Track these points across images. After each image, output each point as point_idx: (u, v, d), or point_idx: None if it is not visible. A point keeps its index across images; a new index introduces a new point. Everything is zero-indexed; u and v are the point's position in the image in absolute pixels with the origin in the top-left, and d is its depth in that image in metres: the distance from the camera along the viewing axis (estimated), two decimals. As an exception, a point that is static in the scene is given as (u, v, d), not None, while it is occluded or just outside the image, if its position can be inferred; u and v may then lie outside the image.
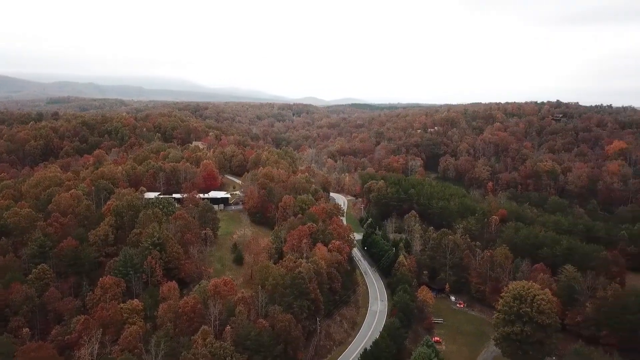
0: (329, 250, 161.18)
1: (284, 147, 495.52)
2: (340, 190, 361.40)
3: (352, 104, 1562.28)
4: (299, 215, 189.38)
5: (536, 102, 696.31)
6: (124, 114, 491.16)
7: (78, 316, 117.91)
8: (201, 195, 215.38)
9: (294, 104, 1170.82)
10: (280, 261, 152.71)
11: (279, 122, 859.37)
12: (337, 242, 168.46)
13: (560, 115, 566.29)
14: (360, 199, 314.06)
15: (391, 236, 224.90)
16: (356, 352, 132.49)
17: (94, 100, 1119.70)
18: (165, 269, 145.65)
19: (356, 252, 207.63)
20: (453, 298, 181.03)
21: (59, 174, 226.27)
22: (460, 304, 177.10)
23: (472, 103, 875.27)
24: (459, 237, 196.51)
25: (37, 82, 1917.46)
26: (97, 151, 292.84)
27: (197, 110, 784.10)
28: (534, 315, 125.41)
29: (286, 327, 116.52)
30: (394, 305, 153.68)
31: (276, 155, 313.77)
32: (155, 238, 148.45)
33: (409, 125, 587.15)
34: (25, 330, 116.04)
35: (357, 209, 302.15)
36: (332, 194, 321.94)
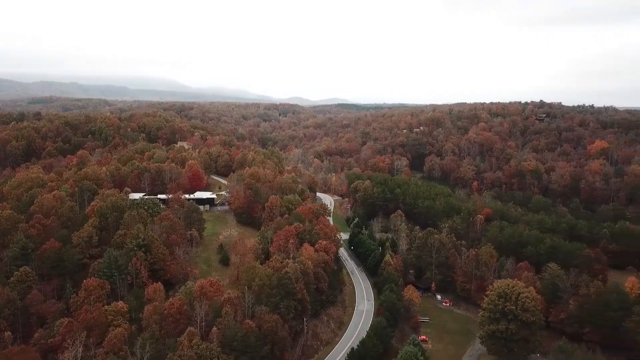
0: (316, 250, 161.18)
1: (270, 147, 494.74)
2: (326, 190, 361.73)
3: (338, 104, 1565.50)
4: (286, 216, 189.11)
5: (520, 102, 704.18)
6: (107, 114, 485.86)
7: (61, 319, 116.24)
8: (187, 195, 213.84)
9: (280, 104, 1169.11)
10: (266, 262, 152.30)
11: (265, 122, 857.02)
12: (324, 242, 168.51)
13: (544, 115, 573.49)
14: (347, 199, 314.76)
15: (377, 236, 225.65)
16: (343, 351, 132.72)
17: (77, 100, 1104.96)
18: (150, 271, 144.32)
19: (343, 252, 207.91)
20: (439, 297, 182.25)
21: (41, 175, 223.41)
22: (446, 302, 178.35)
23: (457, 103, 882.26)
24: (444, 236, 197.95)
25: (18, 82, 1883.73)
26: (81, 152, 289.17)
27: (183, 110, 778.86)
28: (518, 313, 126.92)
29: (273, 327, 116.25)
30: (380, 304, 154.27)
31: (262, 156, 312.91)
32: (140, 239, 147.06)
33: (395, 125, 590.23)
34: (7, 333, 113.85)
35: (344, 208, 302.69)
36: (318, 194, 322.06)
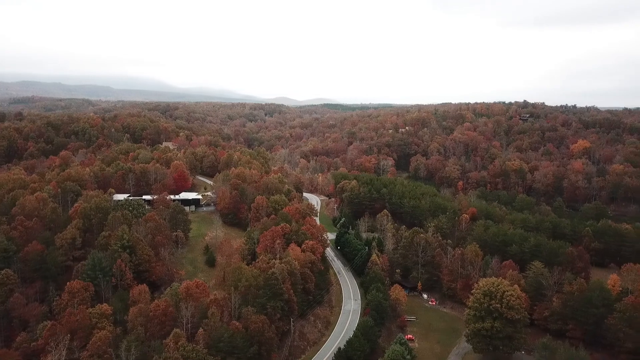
0: (303, 251, 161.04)
1: (256, 147, 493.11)
2: (313, 190, 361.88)
3: (324, 104, 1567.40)
4: (272, 216, 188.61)
5: (504, 103, 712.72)
6: (91, 114, 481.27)
7: (44, 322, 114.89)
8: (172, 196, 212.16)
9: (266, 104, 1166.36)
10: (253, 262, 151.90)
11: (251, 122, 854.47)
12: (311, 242, 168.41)
13: (527, 116, 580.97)
14: (334, 199, 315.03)
15: (364, 235, 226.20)
16: (330, 351, 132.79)
17: (60, 100, 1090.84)
18: (135, 272, 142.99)
19: (329, 252, 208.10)
20: (425, 296, 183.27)
21: (23, 176, 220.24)
22: (432, 301, 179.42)
23: (442, 103, 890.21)
24: (430, 236, 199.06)
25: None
26: (64, 152, 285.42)
27: (167, 110, 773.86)
28: (503, 311, 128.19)
29: (260, 328, 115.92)
30: (367, 304, 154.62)
31: (248, 156, 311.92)
32: (124, 241, 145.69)
33: (381, 126, 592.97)
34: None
35: (331, 208, 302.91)
36: (305, 194, 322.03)
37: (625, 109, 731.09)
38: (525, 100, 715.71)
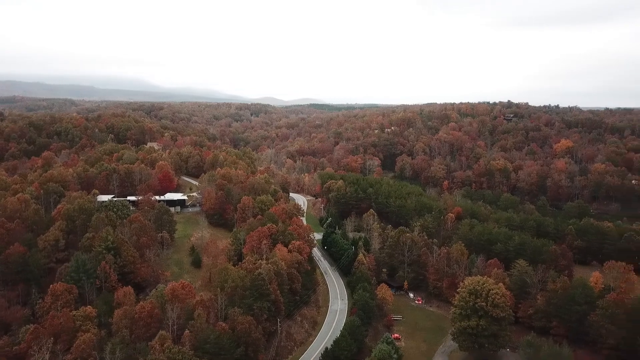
0: (289, 251, 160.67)
1: (242, 147, 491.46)
2: (300, 190, 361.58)
3: (310, 104, 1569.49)
4: (259, 216, 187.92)
5: (488, 103, 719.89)
6: (74, 114, 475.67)
7: (27, 325, 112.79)
8: (157, 197, 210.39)
9: (252, 104, 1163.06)
10: (239, 263, 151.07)
11: (237, 122, 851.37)
12: (298, 242, 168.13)
13: (512, 115, 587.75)
14: (320, 199, 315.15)
15: (350, 235, 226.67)
16: (317, 351, 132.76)
17: (42, 100, 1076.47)
18: (120, 274, 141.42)
19: (316, 252, 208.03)
20: (411, 295, 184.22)
21: (4, 177, 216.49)
22: (418, 300, 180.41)
23: (428, 103, 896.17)
24: (416, 235, 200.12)
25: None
26: (46, 153, 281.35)
27: (152, 110, 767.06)
28: (488, 309, 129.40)
29: (246, 329, 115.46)
30: (354, 303, 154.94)
31: (234, 156, 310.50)
32: (109, 242, 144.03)
33: (367, 126, 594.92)
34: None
35: (317, 208, 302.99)
36: (291, 194, 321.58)
37: (607, 109, 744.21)
38: (509, 101, 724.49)
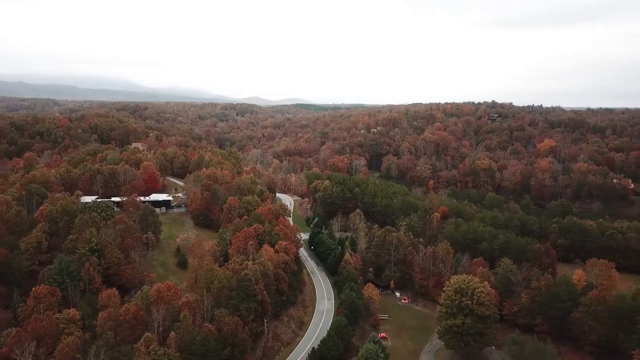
0: (276, 251, 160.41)
1: (228, 147, 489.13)
2: (286, 191, 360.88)
3: (296, 104, 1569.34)
4: (245, 217, 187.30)
5: (473, 103, 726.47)
6: (57, 115, 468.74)
7: (9, 329, 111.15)
8: (142, 198, 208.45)
9: (238, 104, 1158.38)
10: (225, 264, 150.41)
11: (222, 122, 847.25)
12: (284, 243, 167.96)
13: (496, 115, 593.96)
14: (307, 199, 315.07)
15: (337, 235, 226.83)
16: (304, 351, 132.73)
17: (24, 100, 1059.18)
18: (104, 276, 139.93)
19: (303, 252, 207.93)
20: (398, 294, 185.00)
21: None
22: (404, 299, 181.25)
23: (413, 103, 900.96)
24: (402, 234, 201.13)
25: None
26: (28, 154, 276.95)
27: (137, 110, 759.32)
28: (474, 307, 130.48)
29: (233, 330, 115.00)
30: (340, 303, 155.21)
31: (220, 156, 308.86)
32: (93, 244, 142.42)
33: (353, 126, 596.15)
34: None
35: (304, 208, 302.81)
36: (278, 194, 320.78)
37: (589, 109, 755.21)
38: (493, 101, 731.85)
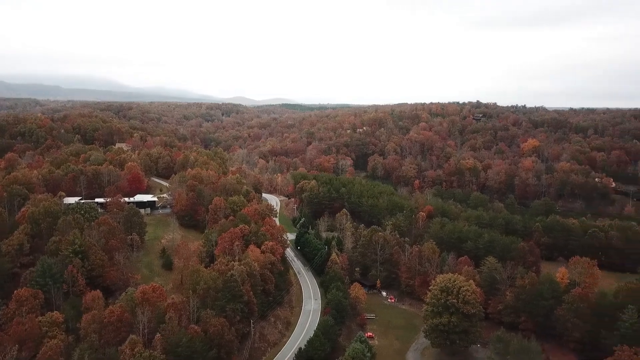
0: (262, 252, 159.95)
1: (213, 147, 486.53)
2: (272, 191, 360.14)
3: (282, 104, 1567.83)
4: (231, 217, 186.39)
5: (458, 103, 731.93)
6: (39, 115, 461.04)
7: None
8: (126, 199, 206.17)
9: (223, 104, 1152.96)
10: (211, 265, 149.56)
11: (208, 122, 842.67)
12: (270, 243, 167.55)
13: (480, 115, 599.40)
14: (293, 199, 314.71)
15: (324, 235, 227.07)
16: (291, 352, 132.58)
17: (5, 100, 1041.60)
18: (88, 278, 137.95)
19: (289, 252, 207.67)
20: (384, 293, 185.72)
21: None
22: (391, 298, 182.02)
23: (399, 103, 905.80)
24: (388, 234, 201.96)
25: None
26: (9, 154, 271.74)
27: (121, 110, 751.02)
28: (459, 305, 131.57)
29: (219, 331, 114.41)
30: (327, 303, 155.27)
31: (205, 156, 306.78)
32: (76, 245, 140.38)
33: (339, 126, 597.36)
34: None
35: (290, 209, 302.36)
36: (264, 195, 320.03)
37: (571, 109, 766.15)
38: (478, 101, 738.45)
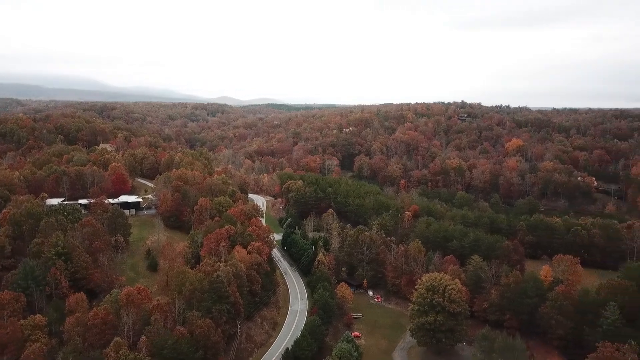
0: (248, 252, 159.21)
1: (198, 148, 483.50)
2: (259, 191, 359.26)
3: (268, 104, 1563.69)
4: (216, 218, 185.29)
5: (443, 103, 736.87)
6: (20, 115, 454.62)
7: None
8: (110, 200, 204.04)
9: (209, 104, 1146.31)
10: (197, 266, 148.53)
11: (193, 122, 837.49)
12: (257, 244, 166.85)
13: (465, 115, 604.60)
14: (279, 199, 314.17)
15: (310, 235, 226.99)
16: (278, 352, 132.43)
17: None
18: (71, 280, 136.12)
19: (276, 253, 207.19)
20: (371, 293, 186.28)
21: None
22: (377, 298, 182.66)
23: (384, 104, 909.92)
24: (374, 233, 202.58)
25: None
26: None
27: (104, 110, 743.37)
28: (445, 304, 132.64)
29: (205, 332, 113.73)
30: (314, 303, 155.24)
31: (190, 157, 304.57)
32: (59, 247, 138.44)
33: (325, 126, 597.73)
34: None
35: (276, 209, 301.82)
36: (250, 195, 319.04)
37: (554, 109, 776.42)
38: (463, 101, 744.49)
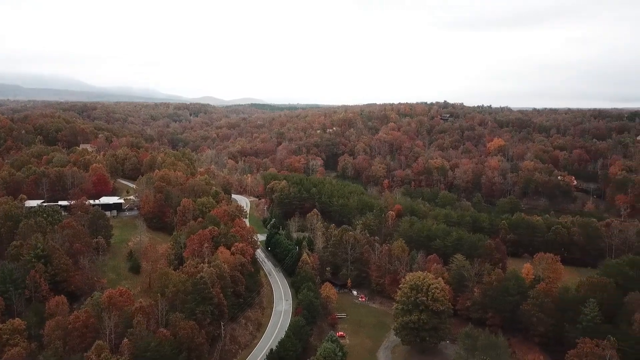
0: (232, 253, 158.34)
1: (181, 148, 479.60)
2: (242, 192, 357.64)
3: (251, 104, 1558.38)
4: (200, 219, 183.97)
5: (426, 103, 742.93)
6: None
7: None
8: (91, 201, 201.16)
9: (191, 104, 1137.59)
10: (180, 267, 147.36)
11: (175, 122, 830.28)
12: (240, 244, 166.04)
13: (448, 115, 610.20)
14: (263, 200, 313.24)
15: (294, 235, 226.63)
16: (262, 353, 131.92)
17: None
18: (52, 283, 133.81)
19: (260, 253, 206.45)
20: (355, 292, 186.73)
21: None
22: (361, 297, 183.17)
23: (368, 104, 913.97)
24: (358, 233, 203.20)
25: None
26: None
27: (85, 110, 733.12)
28: (429, 303, 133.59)
29: (189, 334, 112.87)
30: (298, 303, 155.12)
31: (173, 157, 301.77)
32: (38, 250, 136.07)
33: (309, 126, 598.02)
34: None
35: (260, 209, 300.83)
36: (234, 196, 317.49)
37: (535, 109, 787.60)
38: (445, 101, 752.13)
